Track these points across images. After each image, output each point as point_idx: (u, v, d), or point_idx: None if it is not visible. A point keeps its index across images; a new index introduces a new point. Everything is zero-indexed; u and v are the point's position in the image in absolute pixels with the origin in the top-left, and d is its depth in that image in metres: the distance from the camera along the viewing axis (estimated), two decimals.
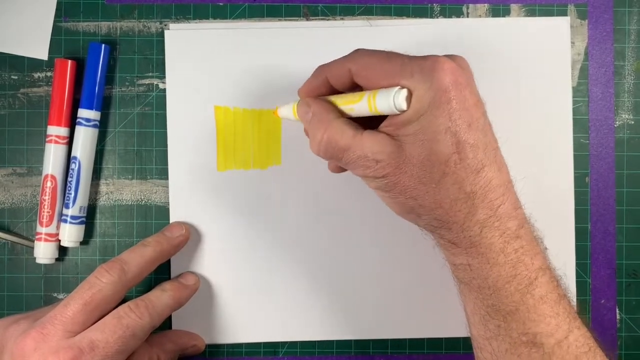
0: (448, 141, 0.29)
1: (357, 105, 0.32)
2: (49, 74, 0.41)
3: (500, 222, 0.30)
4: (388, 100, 0.30)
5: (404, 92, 0.29)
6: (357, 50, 0.33)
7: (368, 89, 0.32)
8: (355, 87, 0.33)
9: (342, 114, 0.33)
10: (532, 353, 0.30)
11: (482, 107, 0.31)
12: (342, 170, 0.36)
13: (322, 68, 0.35)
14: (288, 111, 0.37)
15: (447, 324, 0.42)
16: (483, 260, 0.30)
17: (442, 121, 0.29)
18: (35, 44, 0.41)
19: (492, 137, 0.31)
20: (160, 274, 0.41)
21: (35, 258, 0.40)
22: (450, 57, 0.31)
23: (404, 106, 0.29)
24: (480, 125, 0.30)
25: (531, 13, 0.42)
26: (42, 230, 0.40)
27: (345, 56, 0.33)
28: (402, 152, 0.30)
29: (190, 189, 0.41)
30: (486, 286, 0.30)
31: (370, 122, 0.33)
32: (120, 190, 0.41)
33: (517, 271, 0.30)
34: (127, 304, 0.36)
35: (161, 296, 0.37)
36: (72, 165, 0.40)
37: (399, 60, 0.31)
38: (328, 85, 0.34)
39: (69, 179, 0.40)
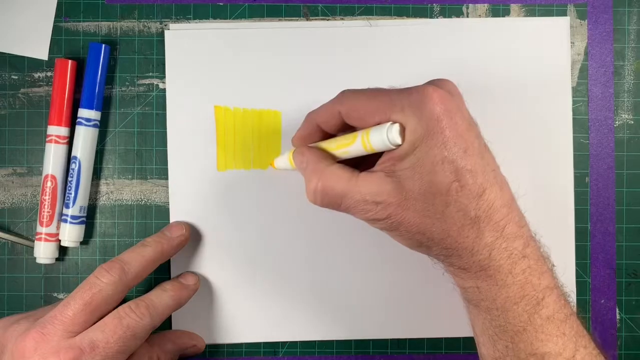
0: (446, 170, 0.29)
1: (351, 147, 0.32)
2: (49, 74, 0.41)
3: (507, 243, 0.30)
4: (382, 137, 0.29)
5: (396, 126, 0.29)
6: (344, 92, 0.33)
7: (361, 129, 0.32)
8: (347, 128, 0.33)
9: (337, 159, 0.33)
10: None
11: (475, 129, 0.31)
12: None
13: (311, 115, 0.35)
14: (285, 162, 0.37)
15: (447, 324, 0.42)
16: (492, 282, 0.30)
17: (438, 151, 0.29)
18: (35, 44, 0.41)
19: (489, 158, 0.31)
20: (160, 274, 0.41)
21: (35, 258, 0.40)
22: (437, 84, 0.31)
23: (398, 140, 0.29)
24: (476, 149, 0.30)
25: (531, 13, 0.42)
26: (42, 230, 0.40)
27: (333, 100, 0.33)
28: (401, 189, 0.30)
29: (190, 188, 0.41)
30: (494, 307, 0.30)
31: (367, 163, 0.33)
32: (120, 190, 0.41)
33: (525, 292, 0.30)
34: (127, 304, 0.35)
35: (162, 296, 0.37)
36: (72, 165, 0.40)
37: (387, 96, 0.30)
38: (320, 131, 0.34)
39: (69, 178, 0.40)
